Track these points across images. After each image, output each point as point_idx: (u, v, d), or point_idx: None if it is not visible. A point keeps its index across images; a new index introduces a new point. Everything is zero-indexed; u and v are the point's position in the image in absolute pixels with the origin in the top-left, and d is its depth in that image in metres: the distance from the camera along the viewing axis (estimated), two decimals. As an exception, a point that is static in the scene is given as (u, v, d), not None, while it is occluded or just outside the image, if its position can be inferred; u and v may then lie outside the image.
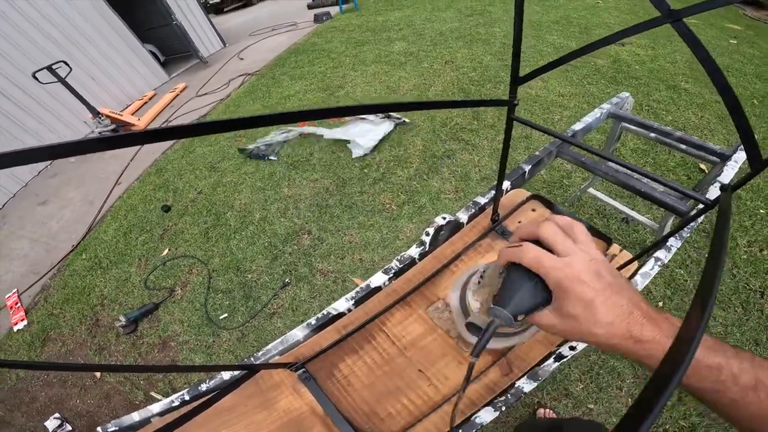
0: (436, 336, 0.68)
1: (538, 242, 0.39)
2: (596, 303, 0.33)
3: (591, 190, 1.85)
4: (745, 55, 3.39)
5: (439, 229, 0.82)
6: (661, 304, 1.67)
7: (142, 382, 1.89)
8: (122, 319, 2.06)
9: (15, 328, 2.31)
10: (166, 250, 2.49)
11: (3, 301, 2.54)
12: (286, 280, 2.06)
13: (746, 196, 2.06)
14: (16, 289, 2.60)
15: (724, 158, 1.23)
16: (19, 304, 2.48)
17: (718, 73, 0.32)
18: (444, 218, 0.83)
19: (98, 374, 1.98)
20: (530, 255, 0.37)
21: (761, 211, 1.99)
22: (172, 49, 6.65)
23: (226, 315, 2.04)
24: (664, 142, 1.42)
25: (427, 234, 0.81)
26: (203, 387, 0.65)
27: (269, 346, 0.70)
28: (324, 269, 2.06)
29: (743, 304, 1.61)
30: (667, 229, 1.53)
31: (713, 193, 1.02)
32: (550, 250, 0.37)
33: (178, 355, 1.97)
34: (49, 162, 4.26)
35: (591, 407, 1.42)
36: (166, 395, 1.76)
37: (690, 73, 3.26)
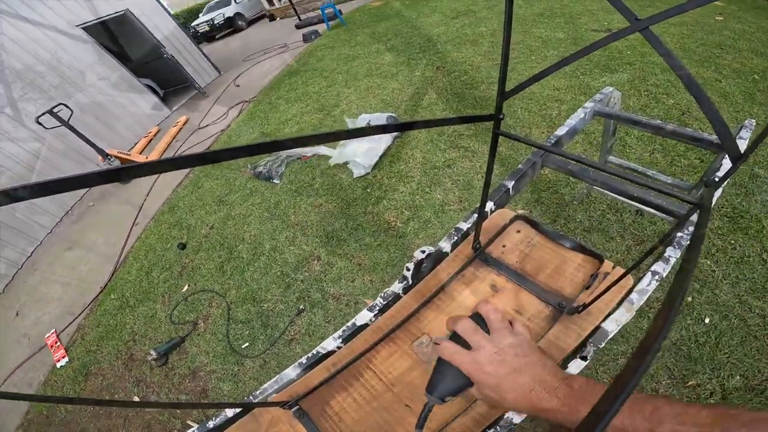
0: (421, 371, 0.71)
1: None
2: (502, 386, 0.42)
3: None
4: (734, 31, 3.33)
5: (419, 263, 0.82)
6: (690, 299, 1.60)
7: (178, 412, 2.02)
8: (153, 353, 2.19)
9: (58, 365, 2.51)
10: (186, 286, 2.62)
11: (44, 341, 2.75)
12: (301, 307, 2.14)
13: (765, 174, 1.97)
14: (54, 329, 2.80)
15: (722, 148, 1.18)
16: (58, 343, 2.68)
17: (689, 78, 0.32)
18: (423, 251, 0.82)
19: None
20: (446, 353, 0.46)
21: (784, 187, 1.85)
22: (169, 81, 6.87)
23: (247, 344, 2.14)
24: (659, 134, 1.37)
25: (408, 269, 0.82)
26: (210, 424, 0.71)
27: (265, 385, 0.75)
28: (336, 293, 2.14)
29: (780, 292, 1.49)
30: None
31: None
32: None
33: (208, 384, 2.08)
34: (69, 208, 4.50)
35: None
36: (200, 422, 1.86)
37: (683, 53, 3.22)
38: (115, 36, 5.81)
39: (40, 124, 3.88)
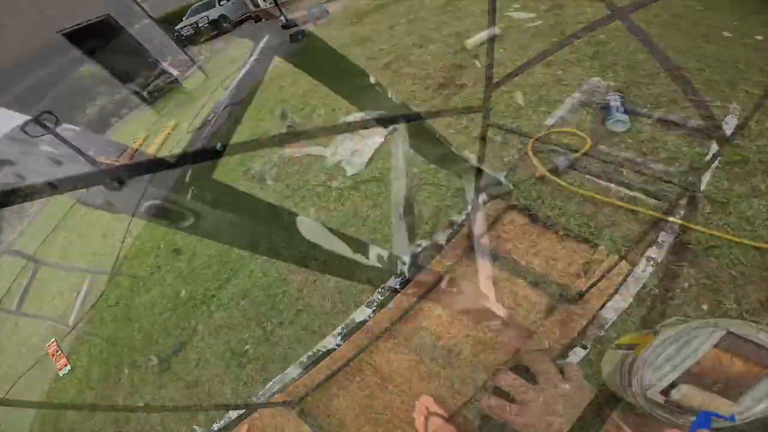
0: (420, 365, 0.73)
1: None
2: None
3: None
4: (716, 21, 3.37)
5: (415, 256, 0.84)
6: (686, 285, 1.49)
7: (184, 416, 2.00)
8: (154, 358, 2.18)
9: (61, 373, 2.50)
10: (184, 290, 2.60)
11: (45, 350, 2.74)
12: (300, 308, 2.14)
13: (754, 158, 1.98)
14: (54, 339, 2.79)
15: (707, 133, 1.21)
16: (60, 352, 2.67)
17: (671, 66, 0.32)
18: (419, 245, 0.86)
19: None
20: (488, 410, 0.40)
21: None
22: (155, 87, 6.72)
23: (248, 346, 2.12)
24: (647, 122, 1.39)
25: (404, 263, 0.84)
26: (215, 426, 0.71)
27: (268, 385, 0.75)
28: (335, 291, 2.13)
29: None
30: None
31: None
32: None
33: (212, 388, 2.07)
34: (61, 217, 4.42)
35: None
36: (206, 425, 1.86)
37: (667, 44, 3.25)
38: (97, 40, 5.66)
39: (26, 132, 3.79)
